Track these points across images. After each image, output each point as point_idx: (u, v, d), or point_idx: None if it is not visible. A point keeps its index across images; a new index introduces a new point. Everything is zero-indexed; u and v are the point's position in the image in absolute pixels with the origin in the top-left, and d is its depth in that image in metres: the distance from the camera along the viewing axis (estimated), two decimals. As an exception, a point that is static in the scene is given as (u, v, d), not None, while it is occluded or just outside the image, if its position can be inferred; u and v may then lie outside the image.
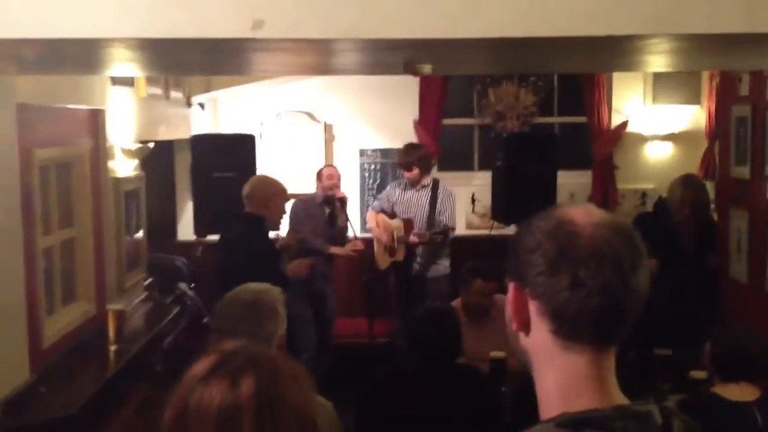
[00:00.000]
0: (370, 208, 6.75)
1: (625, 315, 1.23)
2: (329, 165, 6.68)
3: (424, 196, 6.36)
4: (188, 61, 3.13)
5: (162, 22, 2.02)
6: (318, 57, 2.84)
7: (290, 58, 2.89)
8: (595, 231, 1.22)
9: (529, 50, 2.57)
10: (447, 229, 6.19)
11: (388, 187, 6.74)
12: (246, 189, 4.92)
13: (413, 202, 6.38)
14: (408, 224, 6.28)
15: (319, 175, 6.45)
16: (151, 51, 2.55)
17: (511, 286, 1.29)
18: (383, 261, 6.46)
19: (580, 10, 2.01)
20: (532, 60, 3.24)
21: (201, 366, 1.34)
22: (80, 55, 2.66)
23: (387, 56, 2.76)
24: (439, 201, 6.30)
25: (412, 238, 6.14)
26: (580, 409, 1.20)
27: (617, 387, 1.25)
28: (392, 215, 6.48)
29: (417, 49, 2.50)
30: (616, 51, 2.79)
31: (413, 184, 6.38)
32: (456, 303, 4.96)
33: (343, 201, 6.37)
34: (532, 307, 1.25)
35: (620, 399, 1.24)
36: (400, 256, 6.31)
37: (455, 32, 2.07)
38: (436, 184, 6.39)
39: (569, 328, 1.22)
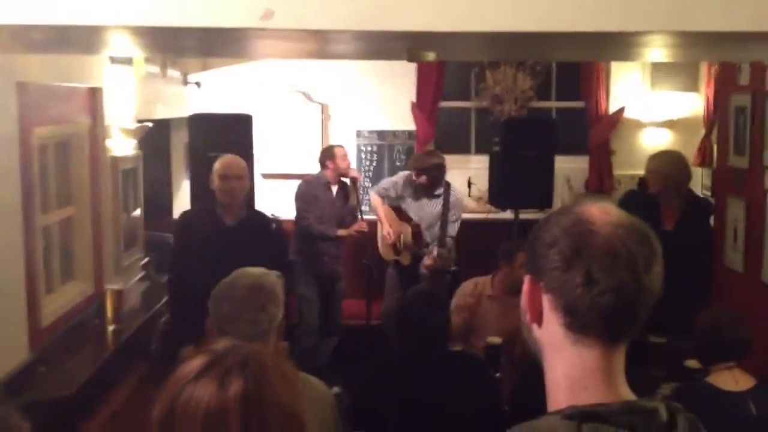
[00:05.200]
0: (374, 190, 6.57)
1: (636, 313, 1.26)
2: (339, 146, 6.57)
3: (437, 205, 6.21)
4: (188, 45, 3.12)
5: (172, 10, 2.02)
6: (321, 44, 2.84)
7: (293, 45, 2.89)
8: (611, 230, 1.25)
9: (533, 42, 2.57)
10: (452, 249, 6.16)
11: (397, 178, 6.51)
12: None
13: (425, 209, 6.24)
14: (416, 230, 6.20)
15: (331, 155, 6.32)
16: (154, 36, 2.55)
17: (526, 279, 1.33)
18: (387, 254, 6.44)
19: (590, 5, 2.01)
20: (534, 50, 3.24)
21: (191, 366, 1.35)
22: (82, 39, 2.65)
23: (390, 44, 2.76)
24: (451, 212, 6.20)
25: (427, 262, 6.06)
26: (588, 402, 1.23)
27: (625, 383, 1.28)
28: (397, 209, 6.43)
29: (421, 38, 2.50)
30: (618, 44, 2.80)
31: (423, 189, 6.25)
32: (489, 279, 4.94)
33: (355, 180, 6.35)
34: (546, 300, 1.29)
35: (628, 394, 1.27)
36: (405, 260, 6.29)
37: (463, 25, 2.07)
38: (447, 189, 6.26)
39: (580, 323, 1.26)
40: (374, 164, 7.74)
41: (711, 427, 1.37)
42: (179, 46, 3.21)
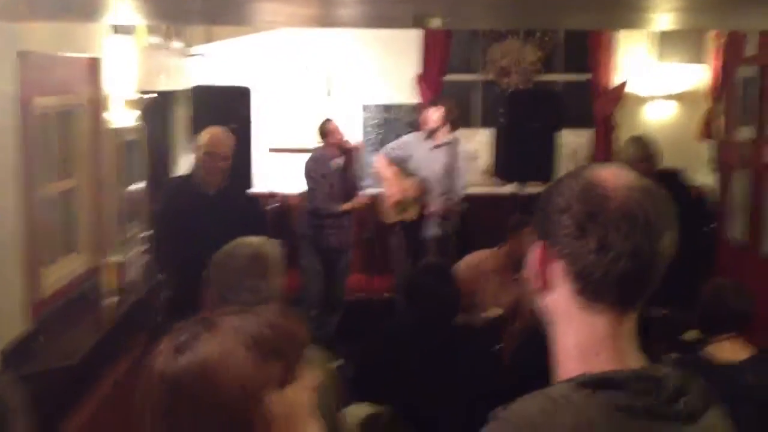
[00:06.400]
0: (380, 152, 6.47)
1: (649, 278, 1.23)
2: (328, 120, 6.55)
3: (444, 155, 6.15)
4: (191, 9, 3.07)
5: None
6: (324, 8, 2.79)
7: (296, 9, 2.84)
8: (625, 194, 1.21)
9: (539, 5, 2.52)
10: (460, 202, 6.09)
11: (405, 137, 6.49)
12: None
13: (432, 160, 6.16)
14: (422, 185, 6.17)
15: (324, 131, 6.27)
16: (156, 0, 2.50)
17: (537, 246, 1.29)
18: (390, 215, 6.39)
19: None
20: (541, 15, 3.19)
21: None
22: (83, 4, 2.61)
23: (396, 9, 2.71)
24: (458, 164, 6.15)
25: (432, 208, 6.00)
26: (599, 369, 1.21)
27: (636, 349, 1.26)
28: (404, 169, 6.39)
29: (427, 2, 2.45)
30: (626, 8, 2.75)
31: (431, 133, 6.17)
32: (494, 252, 4.91)
33: (351, 150, 6.27)
34: (558, 266, 1.25)
35: (638, 361, 1.25)
36: (411, 214, 6.25)
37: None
38: (455, 142, 6.21)
39: (593, 290, 1.22)
40: (380, 137, 7.69)
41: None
42: (182, 12, 3.17)
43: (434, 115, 6.13)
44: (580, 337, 1.25)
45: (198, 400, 1.25)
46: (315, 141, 6.56)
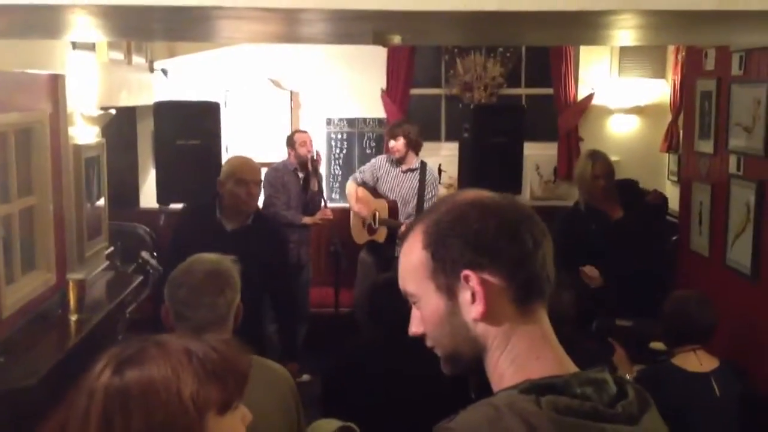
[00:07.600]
0: (351, 179, 6.50)
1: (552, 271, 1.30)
2: (301, 131, 6.56)
3: (413, 180, 6.19)
4: (153, 28, 3.06)
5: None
6: (285, 26, 2.79)
7: (257, 27, 2.84)
8: (507, 200, 1.32)
9: (499, 23, 2.54)
10: None
11: (374, 161, 6.51)
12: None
13: (402, 185, 6.20)
14: (392, 206, 6.18)
15: (291, 141, 6.33)
16: (114, 17, 2.49)
17: (467, 276, 1.27)
18: (361, 236, 6.40)
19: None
20: (501, 33, 3.21)
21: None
22: (43, 22, 2.58)
23: (355, 26, 2.72)
24: (426, 189, 6.19)
25: (402, 229, 5.93)
26: (540, 374, 1.23)
27: (567, 356, 1.30)
28: (374, 191, 6.40)
29: (386, 20, 2.46)
30: (584, 25, 2.78)
31: (399, 160, 6.21)
32: None
33: (315, 164, 6.28)
34: (493, 284, 1.26)
35: (572, 366, 1.28)
36: (380, 237, 6.24)
37: (426, 5, 2.04)
38: (423, 167, 6.25)
39: (529, 288, 1.27)
40: (344, 152, 7.69)
41: (676, 407, 1.36)
42: (143, 29, 3.15)
43: (396, 146, 6.17)
44: (520, 346, 1.27)
45: (142, 414, 1.25)
46: (280, 155, 6.56)
